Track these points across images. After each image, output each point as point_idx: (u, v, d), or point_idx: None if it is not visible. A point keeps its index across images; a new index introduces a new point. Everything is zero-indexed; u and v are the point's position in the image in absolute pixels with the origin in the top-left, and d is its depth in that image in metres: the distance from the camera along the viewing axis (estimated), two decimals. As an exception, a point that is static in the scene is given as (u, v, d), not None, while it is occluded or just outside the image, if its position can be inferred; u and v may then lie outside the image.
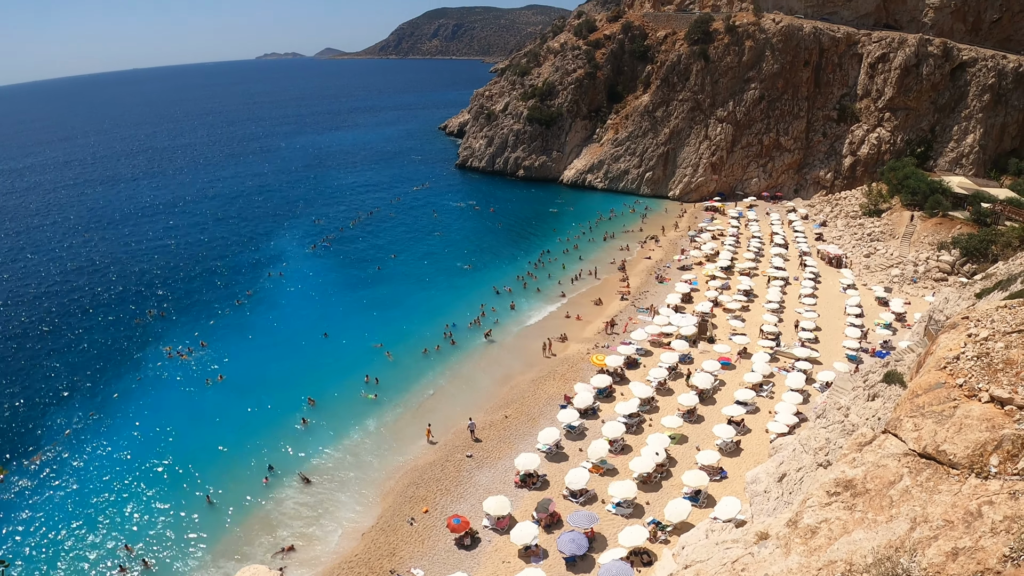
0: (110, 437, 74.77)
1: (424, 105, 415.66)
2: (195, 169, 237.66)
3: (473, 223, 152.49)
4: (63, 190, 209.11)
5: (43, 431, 77.03)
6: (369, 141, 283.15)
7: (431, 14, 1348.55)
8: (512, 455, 65.02)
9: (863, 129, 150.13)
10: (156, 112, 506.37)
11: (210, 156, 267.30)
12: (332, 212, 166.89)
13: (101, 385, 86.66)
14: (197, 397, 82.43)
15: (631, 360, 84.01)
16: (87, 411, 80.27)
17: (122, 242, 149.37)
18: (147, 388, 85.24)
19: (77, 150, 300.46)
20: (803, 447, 38.43)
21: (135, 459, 70.28)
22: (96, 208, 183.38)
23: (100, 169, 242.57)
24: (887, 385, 41.97)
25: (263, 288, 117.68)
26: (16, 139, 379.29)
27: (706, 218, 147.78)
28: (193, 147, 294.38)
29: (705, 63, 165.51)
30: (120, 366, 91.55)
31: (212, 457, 69.44)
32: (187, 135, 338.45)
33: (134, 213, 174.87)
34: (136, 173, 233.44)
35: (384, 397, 79.50)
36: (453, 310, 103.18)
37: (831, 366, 79.25)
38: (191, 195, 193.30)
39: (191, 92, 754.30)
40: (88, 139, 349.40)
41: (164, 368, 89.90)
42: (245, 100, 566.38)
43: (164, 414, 78.80)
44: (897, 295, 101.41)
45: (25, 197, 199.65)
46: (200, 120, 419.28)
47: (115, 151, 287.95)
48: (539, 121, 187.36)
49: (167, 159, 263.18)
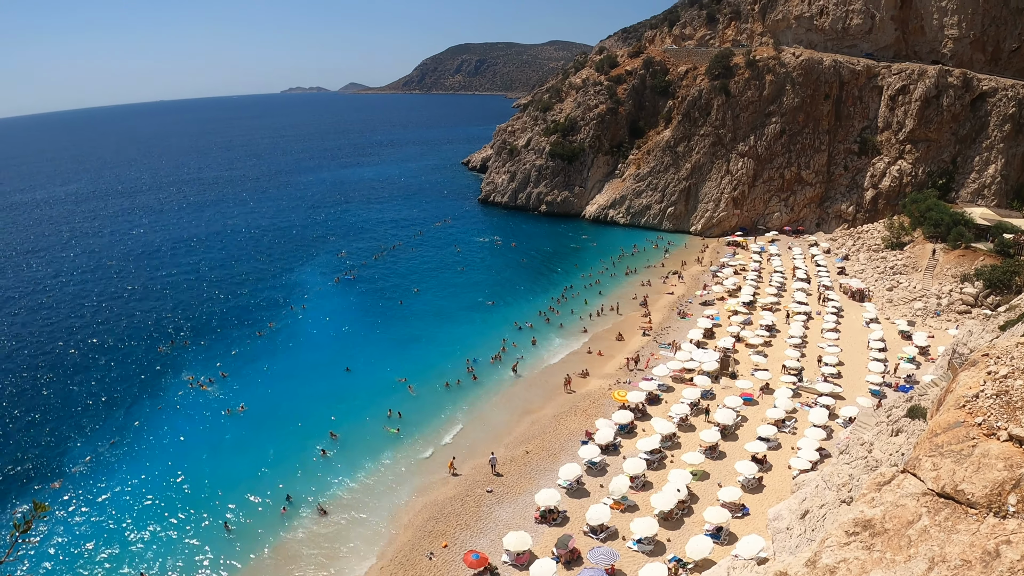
0: (131, 464, 75.29)
1: (447, 140, 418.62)
2: (220, 201, 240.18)
3: (496, 258, 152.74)
4: (92, 220, 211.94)
5: (65, 456, 77.69)
6: (392, 175, 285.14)
7: (454, 50, 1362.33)
8: (532, 490, 64.67)
9: (884, 162, 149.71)
10: (182, 144, 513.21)
11: (235, 188, 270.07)
12: (355, 246, 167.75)
13: (123, 412, 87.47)
14: (217, 426, 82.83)
15: (653, 396, 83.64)
16: (109, 438, 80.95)
17: (148, 272, 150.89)
18: (168, 416, 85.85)
19: (106, 181, 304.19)
20: (826, 483, 38.06)
21: (155, 486, 70.65)
22: (123, 239, 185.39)
23: (127, 200, 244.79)
24: (911, 420, 41.50)
25: (286, 320, 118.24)
26: (49, 168, 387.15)
27: (728, 253, 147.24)
28: (219, 179, 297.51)
29: (726, 98, 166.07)
30: (142, 394, 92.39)
31: (231, 486, 69.59)
32: (213, 168, 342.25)
33: (160, 244, 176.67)
34: (163, 205, 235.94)
35: (405, 431, 79.44)
36: (475, 345, 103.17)
37: (854, 401, 78.72)
38: (215, 227, 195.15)
39: (217, 125, 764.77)
40: (118, 170, 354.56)
41: (186, 397, 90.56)
42: (271, 134, 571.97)
43: (184, 443, 79.34)
44: (920, 328, 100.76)
45: (56, 226, 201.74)
46: (226, 153, 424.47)
47: (143, 183, 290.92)
48: (561, 156, 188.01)
49: (193, 191, 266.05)
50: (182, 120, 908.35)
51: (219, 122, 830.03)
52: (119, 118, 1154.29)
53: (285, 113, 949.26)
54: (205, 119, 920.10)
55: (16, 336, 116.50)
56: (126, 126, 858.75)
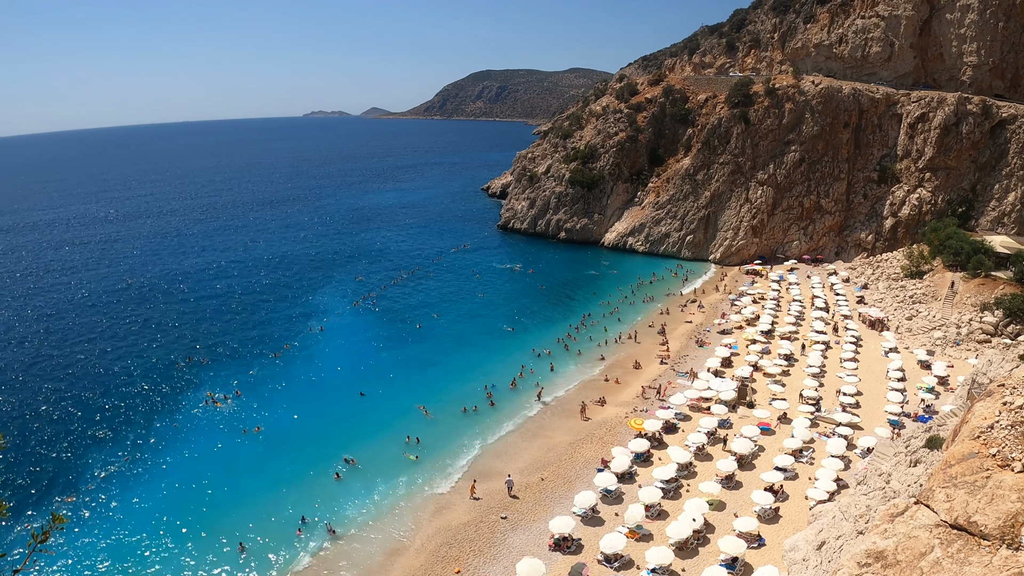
0: (146, 480, 75.78)
1: (467, 166, 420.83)
2: (242, 223, 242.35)
3: (514, 284, 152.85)
4: (117, 240, 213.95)
5: (80, 471, 78.22)
6: (413, 200, 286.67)
7: (475, 76, 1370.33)
8: (547, 518, 64.37)
9: (904, 190, 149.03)
10: (206, 165, 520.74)
11: (257, 211, 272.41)
12: (375, 269, 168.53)
13: (140, 429, 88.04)
14: (233, 445, 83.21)
15: (669, 424, 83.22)
16: (125, 453, 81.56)
17: (168, 291, 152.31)
18: (184, 434, 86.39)
19: (130, 201, 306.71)
20: (843, 514, 37.81)
21: (170, 503, 70.96)
22: (145, 258, 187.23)
23: (150, 220, 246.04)
24: (929, 451, 41.30)
25: (304, 342, 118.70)
26: (76, 186, 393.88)
27: (747, 281, 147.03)
28: (241, 202, 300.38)
29: (745, 126, 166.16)
30: (159, 411, 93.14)
31: (246, 506, 69.78)
32: (235, 190, 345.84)
33: (181, 264, 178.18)
34: (184, 225, 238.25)
35: (423, 456, 79.39)
36: (493, 371, 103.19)
37: (872, 431, 78.14)
38: (235, 248, 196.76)
39: (240, 147, 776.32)
40: (141, 189, 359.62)
41: (202, 415, 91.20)
42: (293, 157, 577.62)
43: (200, 460, 79.83)
44: (940, 358, 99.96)
45: (80, 244, 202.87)
46: (248, 174, 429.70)
47: (166, 203, 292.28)
48: (581, 184, 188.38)
49: (214, 213, 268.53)
50: (208, 142, 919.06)
51: (243, 143, 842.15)
52: (148, 137, 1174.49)
53: (307, 136, 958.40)
54: (228, 140, 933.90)
55: (37, 350, 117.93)
56: (153, 146, 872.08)
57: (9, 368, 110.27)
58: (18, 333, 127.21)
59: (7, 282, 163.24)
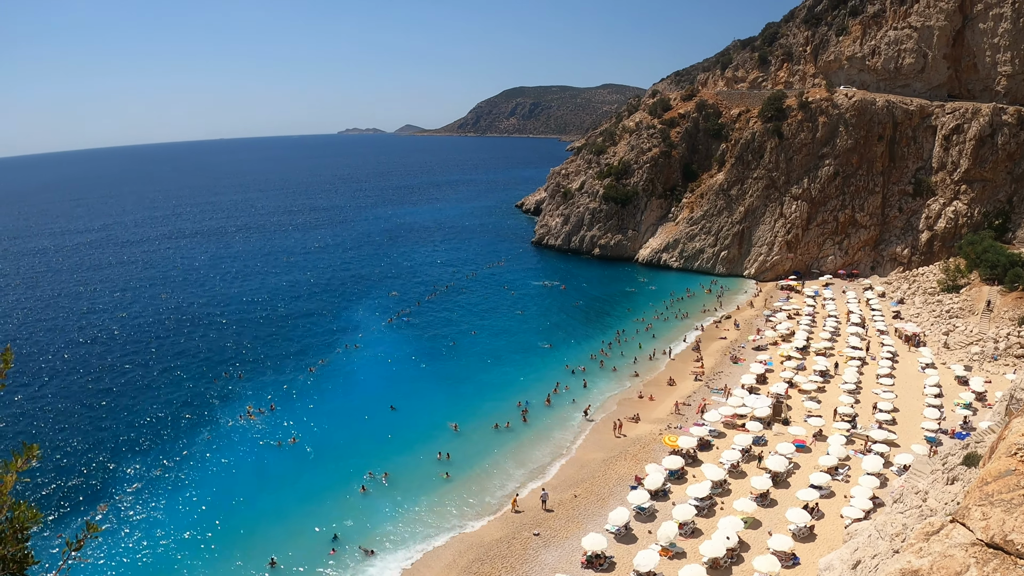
0: (180, 491, 76.60)
1: (501, 182, 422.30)
2: (279, 238, 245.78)
3: (548, 300, 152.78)
4: (156, 253, 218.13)
5: (116, 481, 79.31)
6: (447, 216, 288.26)
7: (509, 93, 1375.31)
8: (580, 534, 64.16)
9: (939, 203, 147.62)
10: (245, 182, 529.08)
11: (294, 226, 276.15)
12: (409, 285, 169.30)
13: (175, 440, 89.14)
14: (266, 459, 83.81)
15: (704, 441, 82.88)
16: (158, 464, 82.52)
17: (205, 304, 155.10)
18: (218, 446, 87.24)
19: (172, 218, 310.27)
20: (879, 533, 37.68)
21: (202, 516, 71.60)
22: (185, 270, 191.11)
23: (188, 238, 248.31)
24: (967, 468, 40.99)
25: (338, 357, 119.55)
26: (126, 198, 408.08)
27: (781, 297, 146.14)
28: (277, 216, 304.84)
29: (779, 140, 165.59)
30: (194, 423, 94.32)
31: (277, 520, 70.15)
32: (272, 205, 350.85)
33: (218, 278, 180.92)
34: (224, 241, 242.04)
35: (454, 472, 79.47)
36: (527, 387, 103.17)
37: (909, 448, 77.15)
38: (271, 264, 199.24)
39: (277, 163, 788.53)
40: (182, 203, 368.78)
41: (236, 428, 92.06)
42: (329, 173, 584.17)
43: (233, 473, 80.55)
44: (977, 373, 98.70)
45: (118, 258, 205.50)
46: (285, 190, 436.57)
47: (206, 220, 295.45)
48: (615, 200, 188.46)
49: (254, 228, 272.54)
50: (245, 159, 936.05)
51: (280, 160, 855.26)
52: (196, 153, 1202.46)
53: (343, 153, 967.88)
54: (266, 157, 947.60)
55: (76, 361, 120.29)
56: (199, 162, 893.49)
57: (55, 375, 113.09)
58: (63, 343, 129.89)
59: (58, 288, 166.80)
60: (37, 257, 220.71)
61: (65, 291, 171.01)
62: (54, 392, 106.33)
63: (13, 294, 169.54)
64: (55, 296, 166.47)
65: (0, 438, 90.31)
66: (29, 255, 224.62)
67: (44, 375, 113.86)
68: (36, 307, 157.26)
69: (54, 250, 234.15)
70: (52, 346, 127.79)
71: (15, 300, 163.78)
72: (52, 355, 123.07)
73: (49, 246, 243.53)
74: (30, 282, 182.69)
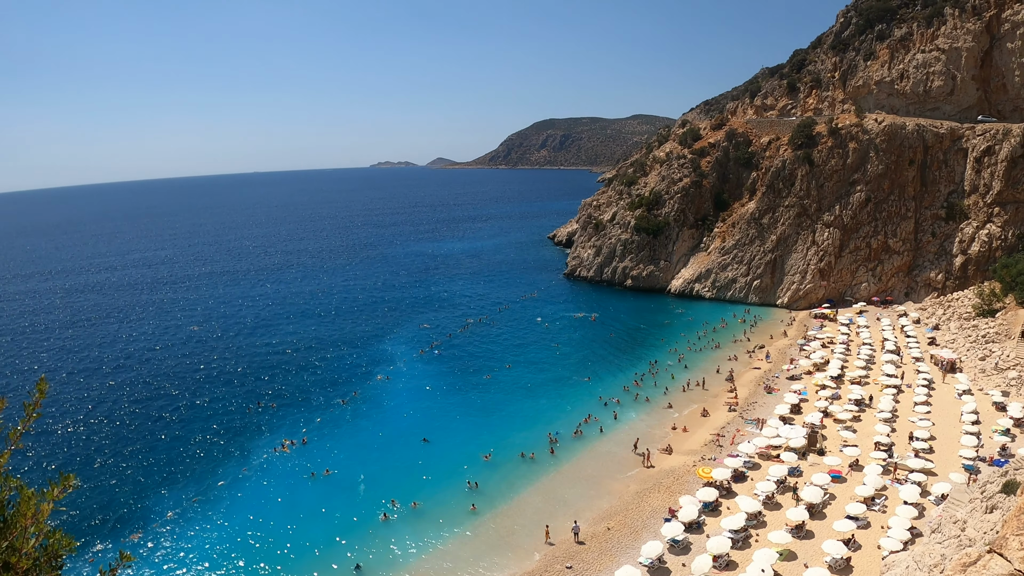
0: (211, 522, 77.39)
1: (533, 214, 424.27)
2: (313, 271, 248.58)
3: (581, 332, 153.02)
4: (189, 286, 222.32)
5: (147, 510, 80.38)
6: (479, 249, 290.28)
7: (539, 125, 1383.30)
8: (613, 568, 64.19)
9: (973, 226, 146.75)
10: (278, 215, 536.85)
11: (327, 259, 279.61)
12: (441, 317, 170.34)
13: (208, 470, 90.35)
14: (298, 490, 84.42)
15: (738, 473, 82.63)
16: (192, 495, 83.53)
17: (240, 336, 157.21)
18: (252, 477, 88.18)
19: (207, 250, 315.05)
20: (917, 564, 37.59)
21: (234, 546, 72.31)
22: (219, 305, 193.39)
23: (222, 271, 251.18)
24: (1006, 496, 40.79)
25: (370, 389, 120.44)
26: (155, 233, 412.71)
27: (815, 326, 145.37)
28: (311, 250, 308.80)
29: (810, 167, 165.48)
30: (228, 453, 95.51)
31: (307, 552, 70.75)
32: (305, 239, 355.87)
33: (252, 311, 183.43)
34: (257, 274, 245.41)
35: (484, 505, 79.55)
36: (557, 418, 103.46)
37: (947, 477, 76.59)
38: (304, 297, 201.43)
39: (310, 196, 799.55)
40: (217, 236, 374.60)
41: (270, 459, 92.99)
42: (361, 207, 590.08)
43: (265, 505, 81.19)
44: (1015, 399, 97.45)
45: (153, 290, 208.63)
46: (317, 224, 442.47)
47: (240, 252, 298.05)
48: (646, 231, 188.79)
49: (284, 261, 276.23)
50: (278, 192, 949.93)
51: (312, 193, 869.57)
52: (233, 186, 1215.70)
53: (374, 187, 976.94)
54: (299, 191, 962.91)
55: (111, 390, 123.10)
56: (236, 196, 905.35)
57: (92, 405, 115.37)
58: (101, 372, 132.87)
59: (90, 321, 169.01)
60: (85, 294, 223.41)
61: (106, 327, 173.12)
62: (92, 423, 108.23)
63: (56, 317, 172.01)
64: (95, 331, 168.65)
65: (37, 466, 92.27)
66: (80, 291, 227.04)
67: (88, 403, 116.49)
68: (77, 339, 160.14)
69: (100, 285, 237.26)
70: (91, 381, 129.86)
71: (58, 326, 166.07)
72: (92, 388, 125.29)
73: (98, 280, 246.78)
74: (78, 318, 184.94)
